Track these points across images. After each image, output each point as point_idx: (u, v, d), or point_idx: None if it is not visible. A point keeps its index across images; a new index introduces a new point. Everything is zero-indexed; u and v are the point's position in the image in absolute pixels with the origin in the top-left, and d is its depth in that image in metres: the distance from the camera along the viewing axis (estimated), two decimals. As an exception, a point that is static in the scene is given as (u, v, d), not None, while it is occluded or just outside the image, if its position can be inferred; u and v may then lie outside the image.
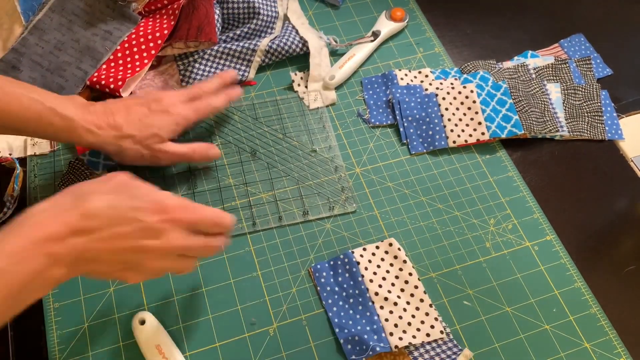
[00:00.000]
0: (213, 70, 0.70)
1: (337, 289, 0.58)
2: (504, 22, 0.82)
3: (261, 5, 0.73)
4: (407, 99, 0.70)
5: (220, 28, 0.73)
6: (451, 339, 0.55)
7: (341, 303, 0.57)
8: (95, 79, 0.67)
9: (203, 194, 0.64)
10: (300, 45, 0.73)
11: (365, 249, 0.59)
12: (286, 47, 0.72)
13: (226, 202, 0.63)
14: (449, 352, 0.54)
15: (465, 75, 0.73)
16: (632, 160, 0.70)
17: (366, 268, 0.58)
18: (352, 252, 0.59)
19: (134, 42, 0.69)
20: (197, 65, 0.70)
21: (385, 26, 0.77)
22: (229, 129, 0.68)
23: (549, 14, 0.84)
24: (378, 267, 0.58)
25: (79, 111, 0.55)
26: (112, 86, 0.66)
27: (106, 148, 0.57)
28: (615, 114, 0.73)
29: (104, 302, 0.56)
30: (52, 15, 0.69)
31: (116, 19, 0.70)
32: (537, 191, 0.66)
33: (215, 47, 0.71)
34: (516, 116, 0.68)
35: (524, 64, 0.75)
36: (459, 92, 0.70)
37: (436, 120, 0.69)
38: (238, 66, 0.71)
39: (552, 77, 0.75)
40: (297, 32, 0.75)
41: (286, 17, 0.77)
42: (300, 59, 0.74)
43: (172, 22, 0.70)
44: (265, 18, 0.74)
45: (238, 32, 0.73)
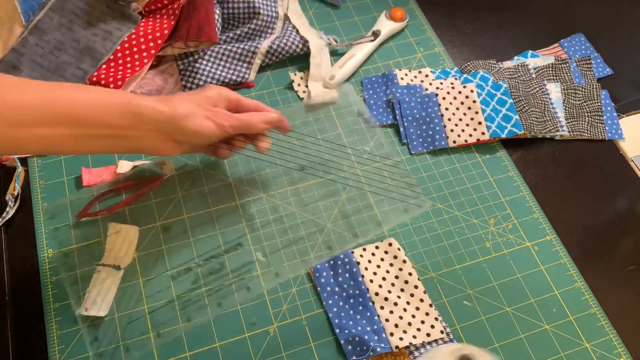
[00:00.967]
0: (213, 70, 0.70)
1: (337, 290, 0.58)
2: (504, 22, 0.82)
3: (261, 5, 0.73)
4: (407, 99, 0.70)
5: (220, 28, 0.73)
6: (451, 338, 0.55)
7: (341, 303, 0.57)
8: (95, 79, 0.67)
9: (266, 228, 0.60)
10: (301, 45, 0.73)
11: (365, 249, 0.59)
12: (286, 48, 0.72)
13: (297, 242, 0.59)
14: None
15: (465, 75, 0.73)
16: (632, 160, 0.70)
17: (366, 268, 0.58)
18: (352, 252, 0.59)
19: (134, 42, 0.69)
20: (197, 65, 0.70)
21: (385, 26, 0.77)
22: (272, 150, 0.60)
23: (549, 14, 0.84)
24: (378, 267, 0.58)
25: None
26: (111, 86, 0.66)
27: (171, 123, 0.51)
28: (615, 114, 0.73)
29: (104, 302, 0.56)
30: (52, 15, 0.69)
31: (116, 19, 0.70)
32: (537, 191, 0.66)
33: (216, 48, 0.71)
34: (516, 116, 0.68)
35: (524, 63, 0.75)
36: (459, 92, 0.70)
37: (436, 120, 0.69)
38: (238, 67, 0.71)
39: (552, 77, 0.75)
40: (297, 32, 0.75)
41: (286, 17, 0.77)
42: (300, 59, 0.74)
43: (172, 22, 0.70)
44: (265, 18, 0.74)
45: (238, 32, 0.73)
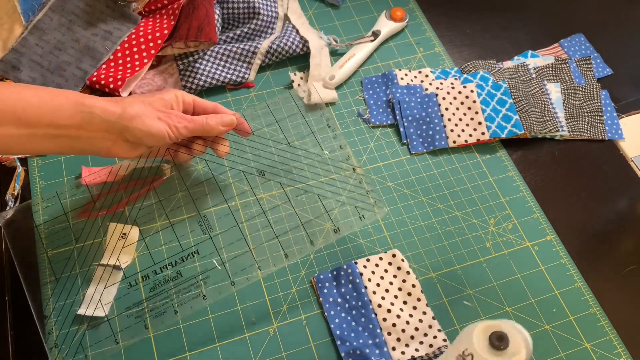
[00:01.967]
0: (213, 70, 0.70)
1: (339, 301, 0.57)
2: (504, 22, 0.82)
3: (261, 5, 0.73)
4: (407, 99, 0.70)
5: (220, 28, 0.73)
6: None
7: (344, 315, 0.56)
8: (95, 79, 0.67)
9: (223, 235, 0.58)
10: (301, 45, 0.73)
11: (368, 260, 0.59)
12: (286, 47, 0.72)
13: (253, 240, 0.58)
14: None
15: (465, 75, 0.73)
16: (632, 160, 0.70)
17: (369, 279, 0.57)
18: (356, 263, 0.58)
19: (134, 42, 0.69)
20: (197, 65, 0.70)
21: (385, 26, 0.77)
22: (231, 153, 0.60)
23: (549, 14, 0.84)
24: (381, 279, 0.58)
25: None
26: (111, 86, 0.66)
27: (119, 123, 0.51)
28: (615, 114, 0.73)
29: (104, 302, 0.56)
30: (52, 15, 0.70)
31: (116, 19, 0.70)
32: (537, 191, 0.66)
33: (216, 48, 0.71)
34: (516, 116, 0.68)
35: (524, 63, 0.75)
36: (459, 92, 0.70)
37: (436, 120, 0.69)
38: (238, 67, 0.71)
39: (552, 77, 0.75)
40: (297, 32, 0.75)
41: (286, 17, 0.77)
42: (300, 59, 0.74)
43: (172, 22, 0.70)
44: (265, 18, 0.74)
45: (238, 32, 0.73)
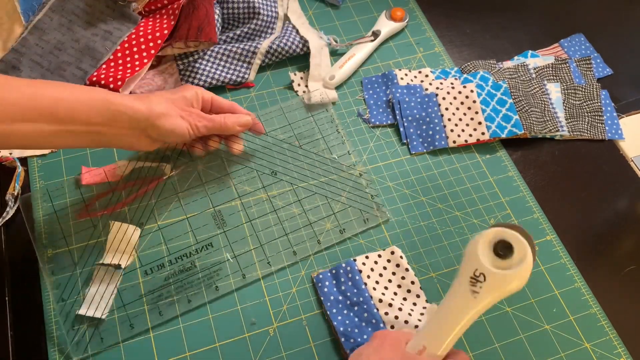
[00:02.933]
0: (213, 70, 0.70)
1: (340, 298, 0.57)
2: (504, 22, 0.82)
3: (261, 5, 0.73)
4: (407, 99, 0.70)
5: (220, 28, 0.73)
6: None
7: (345, 312, 0.56)
8: (94, 79, 0.67)
9: (235, 230, 0.61)
10: (301, 45, 0.73)
11: (367, 257, 0.59)
12: (286, 47, 0.72)
13: (267, 238, 0.60)
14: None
15: (465, 75, 0.73)
16: (632, 160, 0.70)
17: (369, 276, 0.58)
18: (354, 261, 0.58)
19: (134, 42, 0.69)
20: (197, 65, 0.70)
21: (385, 26, 0.77)
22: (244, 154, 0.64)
23: (549, 14, 0.84)
24: (380, 276, 0.58)
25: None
26: (111, 86, 0.66)
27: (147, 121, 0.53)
28: (615, 114, 0.73)
29: (104, 302, 0.56)
30: (52, 15, 0.69)
31: (116, 19, 0.70)
32: (537, 191, 0.66)
33: (216, 48, 0.71)
34: (516, 116, 0.68)
35: (524, 63, 0.75)
36: (459, 92, 0.70)
37: (436, 120, 0.69)
38: (238, 67, 0.71)
39: (552, 77, 0.75)
40: (297, 32, 0.74)
41: (286, 17, 0.77)
42: (300, 59, 0.74)
43: (172, 22, 0.70)
44: (265, 18, 0.74)
45: (238, 32, 0.73)
